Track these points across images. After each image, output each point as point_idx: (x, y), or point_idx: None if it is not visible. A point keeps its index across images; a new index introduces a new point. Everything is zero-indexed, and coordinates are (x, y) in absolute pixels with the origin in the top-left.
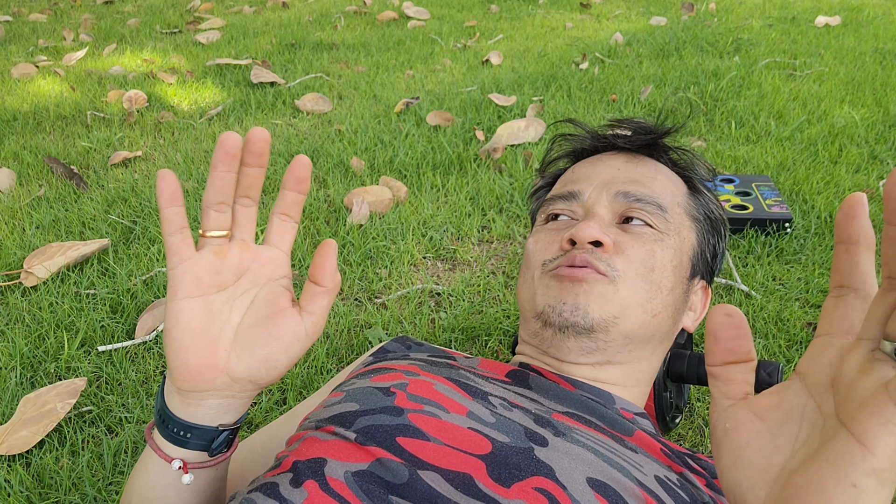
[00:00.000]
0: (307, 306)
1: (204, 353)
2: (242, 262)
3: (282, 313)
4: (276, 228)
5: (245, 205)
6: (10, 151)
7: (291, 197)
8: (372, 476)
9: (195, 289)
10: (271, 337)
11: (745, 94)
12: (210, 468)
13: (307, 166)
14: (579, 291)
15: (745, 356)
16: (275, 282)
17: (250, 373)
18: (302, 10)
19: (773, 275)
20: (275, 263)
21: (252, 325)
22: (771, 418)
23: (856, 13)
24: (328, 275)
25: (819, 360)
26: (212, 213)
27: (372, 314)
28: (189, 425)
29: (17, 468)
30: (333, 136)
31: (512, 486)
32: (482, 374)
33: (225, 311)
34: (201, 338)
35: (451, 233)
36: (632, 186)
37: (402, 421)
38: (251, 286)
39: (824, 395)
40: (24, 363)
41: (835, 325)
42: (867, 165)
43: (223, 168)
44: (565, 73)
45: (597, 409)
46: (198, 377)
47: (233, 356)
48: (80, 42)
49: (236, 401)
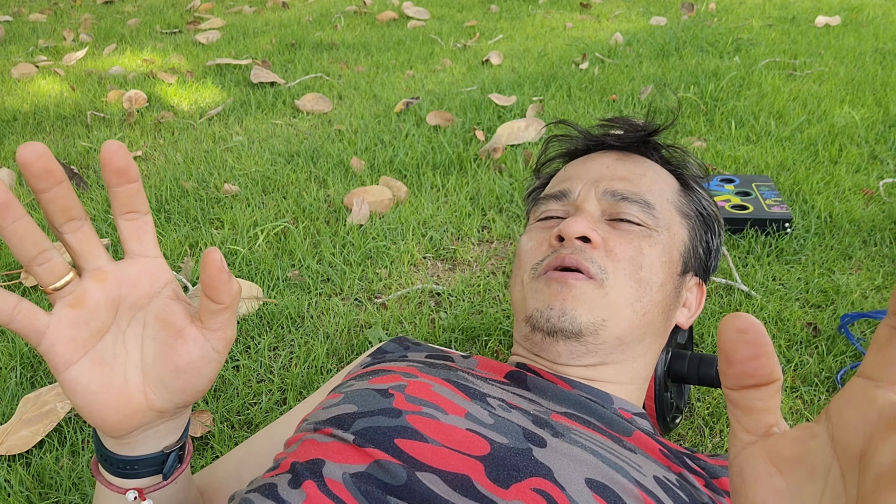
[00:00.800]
0: (208, 323)
1: (119, 405)
2: (109, 295)
3: (181, 338)
4: (129, 232)
5: (73, 229)
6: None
7: (124, 191)
8: (370, 477)
9: (73, 352)
10: (179, 369)
11: (745, 94)
12: (169, 486)
13: (119, 152)
14: (567, 296)
15: (767, 378)
16: (158, 296)
17: (173, 403)
18: (302, 10)
19: (773, 275)
20: (147, 275)
21: (155, 358)
22: (792, 474)
23: (856, 13)
24: (222, 292)
25: (853, 414)
26: (35, 268)
27: (372, 314)
28: (133, 459)
29: (17, 468)
30: (333, 136)
31: (510, 487)
32: (480, 376)
33: (120, 352)
34: (108, 393)
35: (451, 233)
36: (619, 184)
37: (400, 422)
38: (134, 312)
39: (851, 467)
40: (24, 363)
41: (884, 369)
42: (867, 165)
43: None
44: (565, 73)
45: (595, 410)
46: (123, 426)
47: (149, 394)
48: (80, 42)
49: (173, 422)
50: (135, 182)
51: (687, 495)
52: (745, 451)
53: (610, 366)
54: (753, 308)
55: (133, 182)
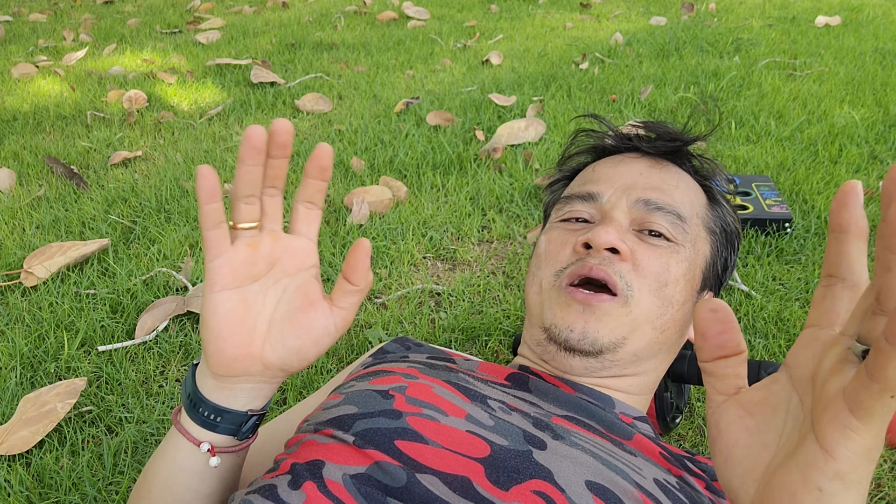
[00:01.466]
0: (338, 301)
1: (240, 342)
2: (274, 253)
3: (313, 306)
4: (302, 217)
5: (272, 195)
6: (10, 151)
7: (315, 185)
8: (370, 479)
9: (232, 281)
10: (303, 329)
11: (745, 94)
12: (234, 453)
13: (329, 154)
14: (589, 319)
15: (735, 349)
16: (305, 271)
17: (283, 362)
18: (302, 10)
19: (773, 275)
20: (304, 252)
21: (285, 316)
22: (759, 413)
23: (856, 13)
24: (360, 274)
25: (804, 353)
26: (242, 205)
27: (372, 314)
28: (221, 409)
29: (17, 468)
30: (333, 136)
31: (510, 490)
32: (481, 378)
33: (259, 301)
34: (238, 327)
35: (451, 233)
36: (653, 194)
37: (400, 424)
38: (282, 276)
39: (806, 389)
40: (24, 363)
41: (822, 317)
42: (867, 165)
43: (251, 162)
44: (565, 73)
45: (596, 413)
46: (234, 364)
47: (267, 346)
48: (80, 42)
49: (267, 385)
50: (326, 181)
51: (688, 498)
52: (720, 407)
53: (620, 378)
54: (753, 308)
55: (325, 181)
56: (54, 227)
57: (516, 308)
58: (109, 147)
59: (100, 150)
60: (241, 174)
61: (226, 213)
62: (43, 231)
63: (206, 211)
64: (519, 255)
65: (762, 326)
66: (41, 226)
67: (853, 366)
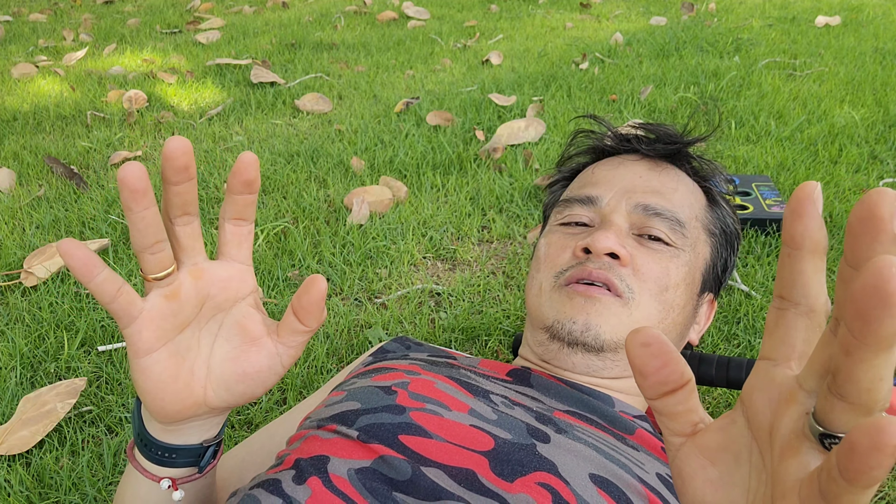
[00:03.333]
0: (284, 339)
1: (180, 397)
2: (200, 292)
3: (255, 345)
4: (231, 237)
5: (185, 223)
6: (10, 151)
7: (243, 200)
8: (375, 473)
9: (156, 341)
10: (246, 375)
11: (745, 94)
12: (200, 479)
13: (254, 164)
14: (591, 310)
15: (679, 381)
16: (241, 301)
17: (228, 403)
18: (302, 10)
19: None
20: (236, 281)
21: (225, 358)
22: (721, 462)
23: (856, 13)
24: (313, 316)
25: (759, 396)
26: (147, 256)
27: (372, 314)
28: (174, 448)
29: (17, 468)
30: (333, 136)
31: (515, 481)
32: (483, 373)
33: (193, 346)
34: (173, 385)
35: (451, 233)
36: (652, 198)
37: (404, 419)
38: (216, 312)
39: (765, 444)
40: (24, 363)
41: (776, 349)
42: (867, 165)
43: (139, 207)
44: (565, 73)
45: (598, 408)
46: (177, 415)
47: (209, 391)
48: (80, 42)
49: (217, 417)
50: (255, 193)
51: None
52: (679, 452)
53: (621, 379)
54: (753, 308)
55: (254, 193)
56: (54, 227)
57: (516, 308)
58: (109, 147)
59: (100, 150)
60: (133, 224)
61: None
62: (43, 231)
63: (94, 287)
64: (519, 255)
65: (762, 326)
66: (41, 226)
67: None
